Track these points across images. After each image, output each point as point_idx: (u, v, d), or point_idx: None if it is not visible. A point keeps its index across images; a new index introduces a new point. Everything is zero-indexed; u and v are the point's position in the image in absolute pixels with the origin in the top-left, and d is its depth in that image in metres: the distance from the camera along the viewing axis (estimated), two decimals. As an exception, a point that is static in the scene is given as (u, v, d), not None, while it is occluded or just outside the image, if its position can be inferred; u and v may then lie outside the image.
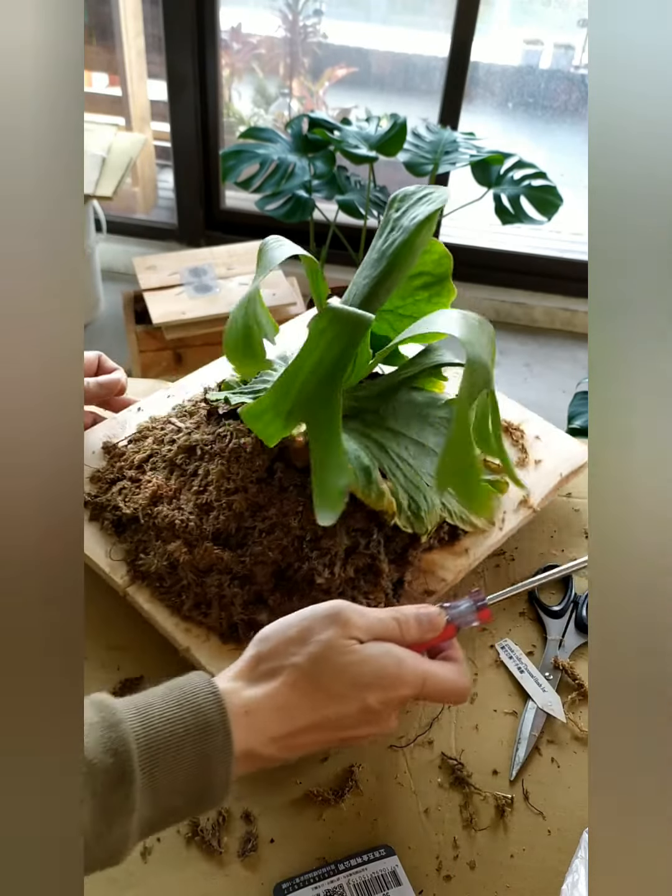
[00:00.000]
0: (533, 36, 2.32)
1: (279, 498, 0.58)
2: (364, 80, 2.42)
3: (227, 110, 2.41)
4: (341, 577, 0.56)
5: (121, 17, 2.14)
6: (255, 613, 0.55)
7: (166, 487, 0.60)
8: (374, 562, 0.58)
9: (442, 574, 0.62)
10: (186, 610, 0.57)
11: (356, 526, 0.58)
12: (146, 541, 0.59)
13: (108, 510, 0.62)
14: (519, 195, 1.76)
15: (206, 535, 0.57)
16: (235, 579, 0.56)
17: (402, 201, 0.63)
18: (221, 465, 0.59)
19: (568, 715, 0.59)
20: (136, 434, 0.68)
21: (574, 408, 1.34)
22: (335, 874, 0.48)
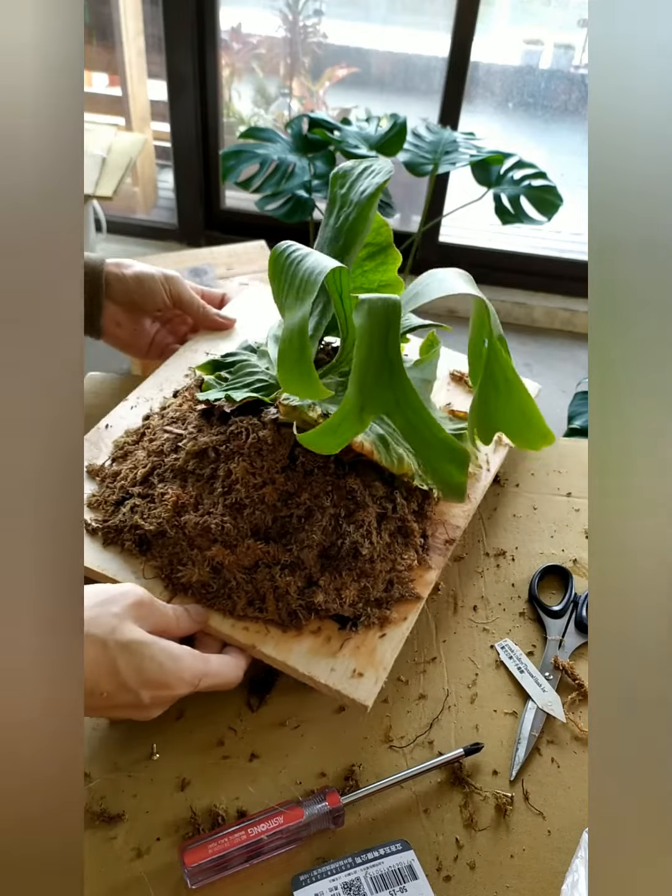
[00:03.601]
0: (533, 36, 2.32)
1: (307, 482, 0.59)
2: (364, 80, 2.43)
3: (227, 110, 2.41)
4: (379, 544, 0.59)
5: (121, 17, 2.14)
6: (311, 597, 0.56)
7: (186, 496, 0.59)
8: (405, 523, 0.62)
9: (455, 522, 0.66)
10: (240, 609, 0.57)
11: (379, 494, 0.61)
12: (179, 552, 0.58)
13: (126, 531, 0.60)
14: (519, 195, 1.76)
15: (245, 533, 0.57)
16: (285, 568, 0.57)
17: (344, 177, 0.64)
18: (244, 462, 0.58)
19: (568, 715, 0.59)
20: (117, 451, 0.66)
21: (574, 408, 1.35)
22: (352, 867, 0.49)
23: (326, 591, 0.57)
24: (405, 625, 0.58)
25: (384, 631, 0.58)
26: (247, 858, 0.49)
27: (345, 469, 0.60)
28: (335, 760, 0.55)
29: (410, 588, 0.60)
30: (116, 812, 0.52)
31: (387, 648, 0.57)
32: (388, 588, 0.59)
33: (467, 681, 0.60)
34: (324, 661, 0.55)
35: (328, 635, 0.57)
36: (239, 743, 0.56)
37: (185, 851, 0.48)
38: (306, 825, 0.50)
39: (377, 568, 0.58)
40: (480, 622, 0.65)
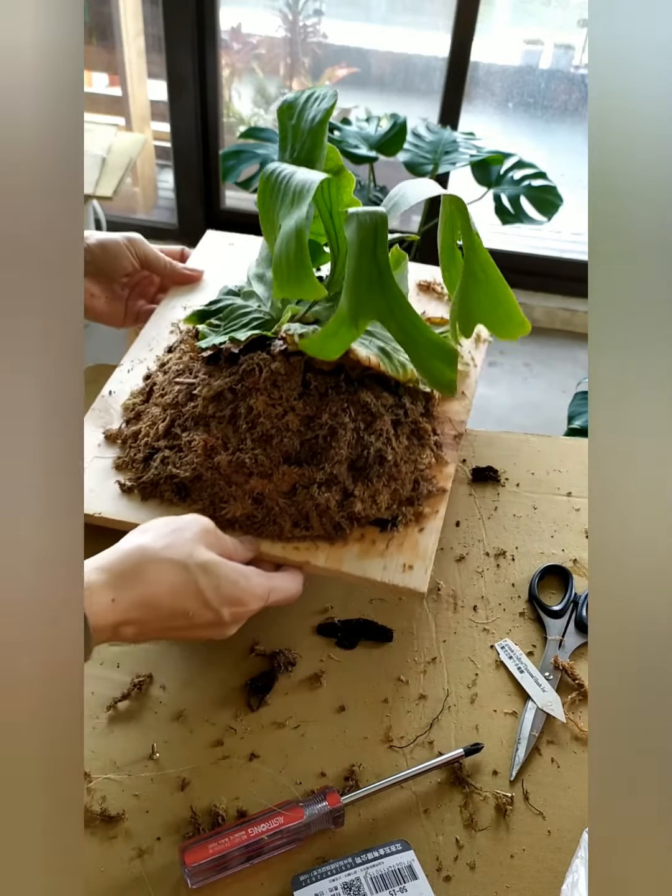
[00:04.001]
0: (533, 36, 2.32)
1: (324, 404, 0.62)
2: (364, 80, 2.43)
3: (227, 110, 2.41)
4: (400, 448, 0.64)
5: (121, 17, 2.14)
6: (350, 507, 0.61)
7: (213, 439, 0.62)
8: (417, 426, 0.67)
9: (458, 417, 0.71)
10: (288, 532, 0.60)
11: (389, 403, 0.65)
12: (218, 491, 0.62)
13: (162, 483, 0.63)
14: (519, 195, 1.76)
15: (278, 461, 0.61)
16: (321, 486, 0.61)
17: (290, 109, 0.66)
18: (262, 396, 0.62)
19: (568, 715, 0.59)
20: (128, 414, 0.69)
21: (574, 408, 1.35)
22: (352, 867, 0.49)
23: (363, 500, 0.61)
24: (438, 516, 0.64)
25: (421, 525, 0.63)
26: (247, 858, 0.49)
27: (354, 385, 0.64)
28: (335, 760, 0.55)
29: (435, 483, 0.65)
30: (116, 812, 0.52)
31: (428, 540, 0.62)
32: (415, 487, 0.64)
33: (467, 681, 0.61)
34: (375, 561, 0.60)
35: (372, 539, 0.62)
36: (239, 743, 0.56)
37: (186, 851, 0.48)
38: (306, 825, 0.50)
39: (402, 470, 0.63)
40: (480, 622, 0.65)
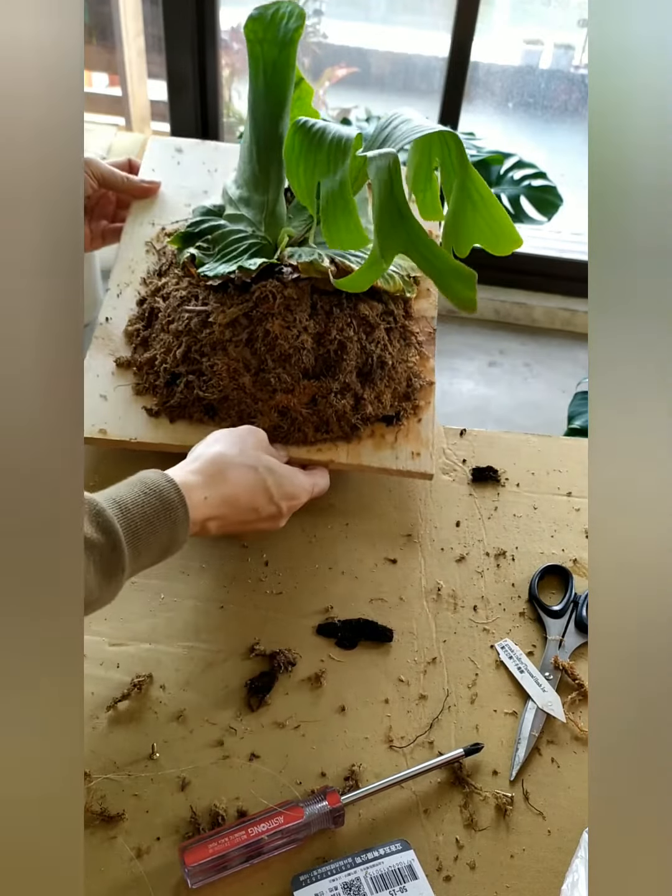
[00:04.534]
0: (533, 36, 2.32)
1: (331, 321, 0.68)
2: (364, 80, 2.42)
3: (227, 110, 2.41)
4: (395, 351, 0.71)
5: (121, 17, 2.14)
6: (362, 410, 0.69)
7: (235, 361, 0.67)
8: (405, 330, 0.74)
9: (429, 314, 0.78)
10: (311, 437, 0.68)
11: (379, 311, 0.72)
12: (245, 408, 0.68)
13: (190, 405, 0.69)
14: (519, 195, 1.76)
15: (297, 377, 0.67)
16: (337, 394, 0.68)
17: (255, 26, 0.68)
18: (278, 320, 0.67)
19: (568, 715, 0.59)
20: (135, 340, 0.73)
21: (574, 408, 1.34)
22: (352, 867, 0.49)
23: (371, 402, 0.69)
24: (431, 407, 0.72)
25: (419, 416, 0.72)
26: (247, 858, 0.49)
27: (353, 301, 0.70)
28: (335, 760, 0.55)
29: (424, 378, 0.74)
30: (116, 812, 0.52)
31: (427, 429, 0.71)
32: (409, 383, 0.72)
33: (467, 681, 0.60)
34: (387, 453, 0.69)
35: (381, 434, 0.70)
36: (239, 743, 0.56)
37: (186, 851, 0.48)
38: (306, 825, 0.50)
39: (399, 370, 0.71)
40: (480, 622, 0.65)
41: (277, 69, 0.69)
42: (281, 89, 0.69)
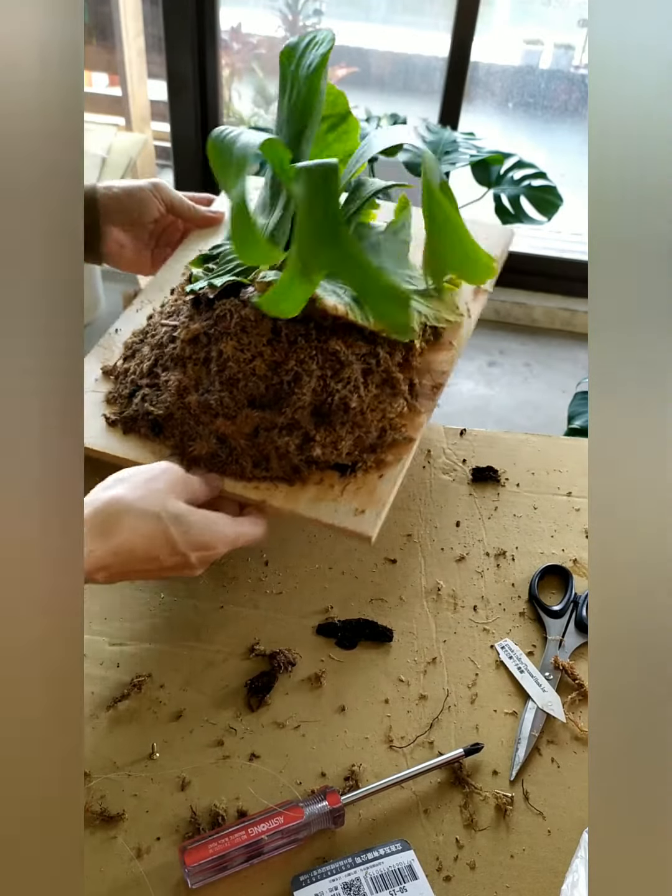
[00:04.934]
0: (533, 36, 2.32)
1: (293, 350, 0.63)
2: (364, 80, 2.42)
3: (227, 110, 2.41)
4: (368, 396, 0.64)
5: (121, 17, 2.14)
6: (309, 451, 0.62)
7: (187, 379, 0.65)
8: (389, 375, 0.66)
9: (440, 368, 0.69)
10: (249, 472, 0.63)
11: (361, 352, 0.65)
12: (188, 430, 0.64)
13: (139, 419, 0.67)
14: (519, 195, 1.75)
15: (242, 404, 0.63)
16: (283, 430, 0.62)
17: (290, 54, 0.66)
18: (232, 341, 0.63)
19: (568, 715, 0.59)
20: (126, 351, 0.72)
21: (574, 408, 1.34)
22: (352, 867, 0.49)
23: (324, 445, 0.62)
24: (401, 465, 0.63)
25: (382, 472, 0.63)
26: (247, 858, 0.49)
27: (326, 334, 0.64)
28: (335, 760, 0.55)
29: (403, 432, 0.65)
30: (116, 812, 0.52)
31: (386, 487, 0.62)
32: (381, 434, 0.64)
33: (467, 681, 0.61)
34: (328, 504, 0.61)
35: (330, 483, 0.63)
36: (239, 743, 0.56)
37: (186, 851, 0.48)
38: (306, 825, 0.50)
39: (368, 418, 0.64)
40: (480, 622, 0.65)
41: (301, 96, 0.65)
42: (303, 115, 0.66)
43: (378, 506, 0.61)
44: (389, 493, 0.62)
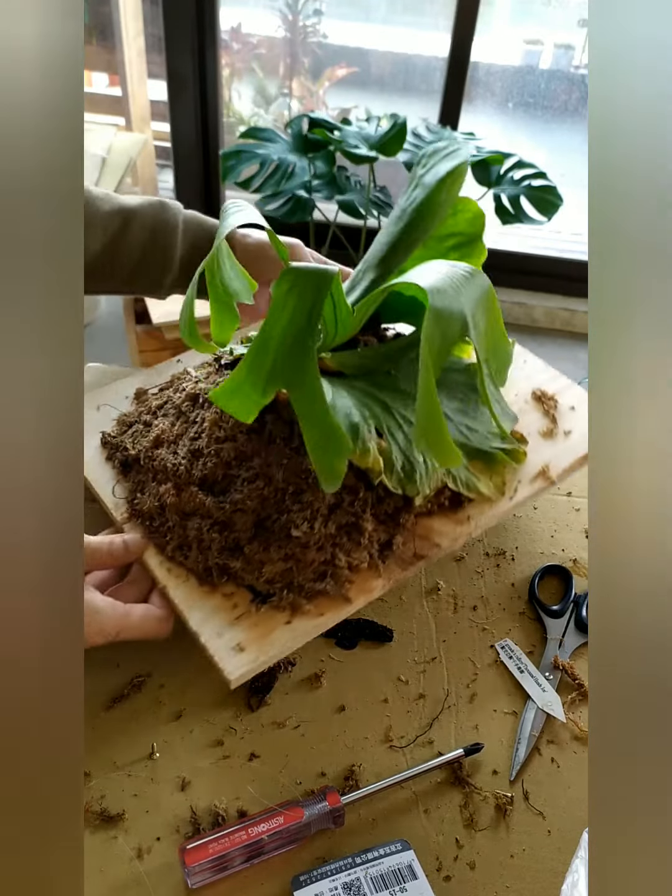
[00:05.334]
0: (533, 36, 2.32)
1: (266, 449, 0.58)
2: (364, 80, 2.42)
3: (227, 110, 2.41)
4: (321, 533, 0.56)
5: (121, 17, 2.14)
6: (229, 560, 0.56)
7: (169, 433, 0.63)
8: (358, 520, 0.57)
9: (437, 539, 0.59)
10: (170, 550, 0.58)
11: (345, 483, 0.56)
12: (144, 481, 0.62)
13: (118, 451, 0.66)
14: (519, 195, 1.76)
15: (194, 480, 0.59)
16: (216, 525, 0.57)
17: (429, 158, 0.63)
18: (215, 413, 0.60)
19: (568, 715, 0.59)
20: (166, 383, 0.71)
21: (574, 408, 1.34)
22: (352, 867, 0.49)
23: (249, 560, 0.56)
24: (318, 621, 0.55)
25: (291, 619, 0.55)
26: (247, 858, 0.49)
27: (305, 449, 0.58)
28: (335, 760, 0.55)
29: (343, 588, 0.56)
30: (116, 812, 0.52)
31: (285, 637, 0.54)
32: (318, 579, 0.56)
33: (467, 680, 0.61)
34: (218, 623, 0.54)
35: (236, 603, 0.56)
36: (239, 743, 0.56)
37: (186, 851, 0.48)
38: (306, 825, 0.50)
39: (310, 555, 0.55)
40: (480, 622, 0.65)
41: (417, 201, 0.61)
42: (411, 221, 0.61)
43: (261, 654, 0.53)
44: (287, 644, 0.53)
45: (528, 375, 0.73)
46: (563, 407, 0.70)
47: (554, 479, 0.64)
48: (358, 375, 0.62)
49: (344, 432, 0.52)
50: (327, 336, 0.61)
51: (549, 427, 0.68)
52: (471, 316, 0.52)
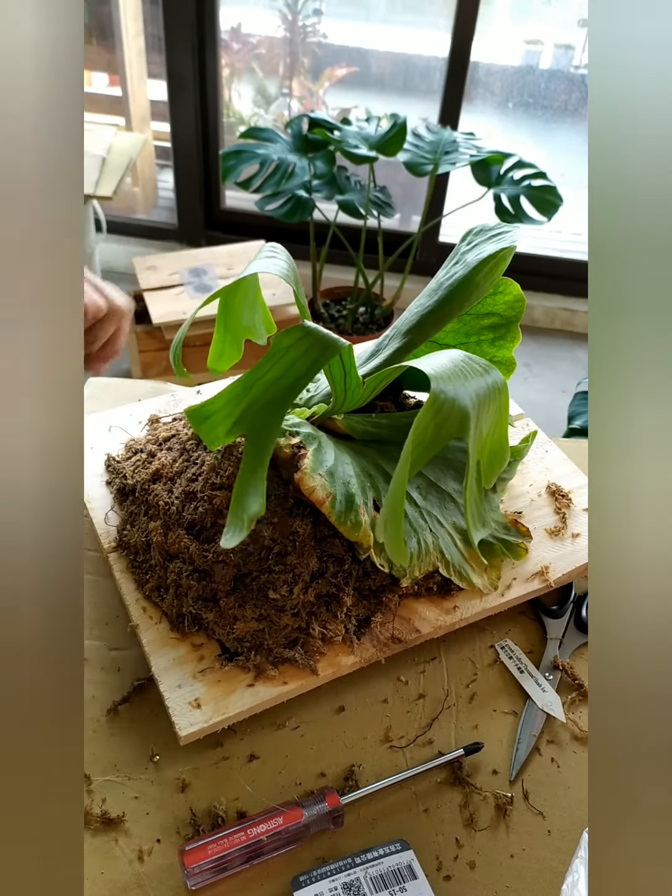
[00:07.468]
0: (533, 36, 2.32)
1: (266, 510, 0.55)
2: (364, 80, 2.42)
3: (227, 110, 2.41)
4: (300, 599, 0.55)
5: (121, 17, 2.14)
6: (203, 610, 0.56)
7: (169, 468, 0.62)
8: (339, 592, 0.56)
9: (418, 625, 0.58)
10: (148, 589, 0.58)
11: (332, 552, 0.57)
12: (136, 513, 0.62)
13: (119, 477, 0.65)
14: (519, 195, 1.75)
15: (183, 523, 0.58)
16: (196, 572, 0.57)
17: (476, 235, 0.62)
18: (215, 458, 0.59)
19: (568, 715, 0.59)
20: (180, 414, 0.71)
21: (574, 408, 1.34)
22: (352, 867, 0.49)
23: (222, 614, 0.55)
24: (280, 689, 0.54)
25: (254, 682, 0.54)
26: (247, 859, 0.49)
27: (303, 509, 0.57)
28: (335, 760, 0.55)
29: (313, 659, 0.55)
30: (117, 814, 0.52)
31: (244, 699, 0.53)
32: (288, 645, 0.55)
33: (467, 680, 0.60)
34: (180, 674, 0.54)
35: (203, 655, 0.55)
36: (239, 743, 0.56)
37: (185, 853, 0.48)
38: (306, 826, 0.50)
39: (284, 620, 0.55)
40: (480, 622, 0.65)
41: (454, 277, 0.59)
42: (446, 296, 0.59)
43: (219, 711, 0.52)
44: (244, 708, 0.53)
45: (548, 467, 0.72)
46: (577, 507, 0.68)
47: (552, 583, 0.62)
48: (370, 442, 0.61)
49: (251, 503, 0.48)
50: (336, 401, 0.60)
51: (557, 526, 0.67)
52: (474, 414, 0.49)
